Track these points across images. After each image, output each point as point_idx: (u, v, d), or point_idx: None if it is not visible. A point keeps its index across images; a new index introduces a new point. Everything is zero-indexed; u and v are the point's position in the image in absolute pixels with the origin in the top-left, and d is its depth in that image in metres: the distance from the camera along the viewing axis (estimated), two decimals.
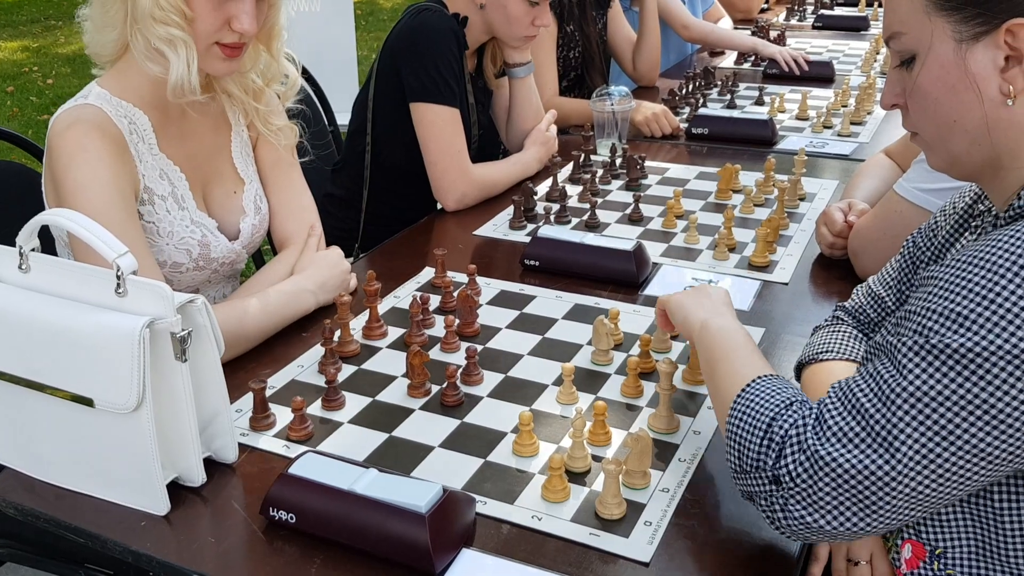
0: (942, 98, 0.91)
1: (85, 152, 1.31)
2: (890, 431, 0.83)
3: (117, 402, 1.02)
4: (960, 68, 0.89)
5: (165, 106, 1.43)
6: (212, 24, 1.35)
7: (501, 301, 1.57)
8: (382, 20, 8.65)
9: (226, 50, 1.38)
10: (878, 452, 0.84)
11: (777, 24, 4.03)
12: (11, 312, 1.07)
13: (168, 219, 1.43)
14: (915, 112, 0.96)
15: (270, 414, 1.23)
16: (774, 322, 1.49)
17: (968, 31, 0.88)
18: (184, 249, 1.45)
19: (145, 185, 1.41)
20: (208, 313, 1.05)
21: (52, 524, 1.09)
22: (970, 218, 1.06)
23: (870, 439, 0.84)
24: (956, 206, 1.09)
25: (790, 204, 1.96)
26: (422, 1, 2.02)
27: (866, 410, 0.86)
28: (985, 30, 0.87)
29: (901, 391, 0.83)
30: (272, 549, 1.02)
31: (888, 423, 0.84)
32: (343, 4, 5.09)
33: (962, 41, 0.89)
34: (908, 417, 0.83)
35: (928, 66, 0.91)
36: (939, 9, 0.89)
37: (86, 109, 1.36)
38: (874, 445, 0.84)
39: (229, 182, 1.55)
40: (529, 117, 2.18)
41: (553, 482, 1.08)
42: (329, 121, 2.40)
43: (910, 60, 0.94)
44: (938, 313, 0.83)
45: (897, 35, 0.94)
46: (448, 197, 1.97)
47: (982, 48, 0.88)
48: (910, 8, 0.92)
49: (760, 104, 2.75)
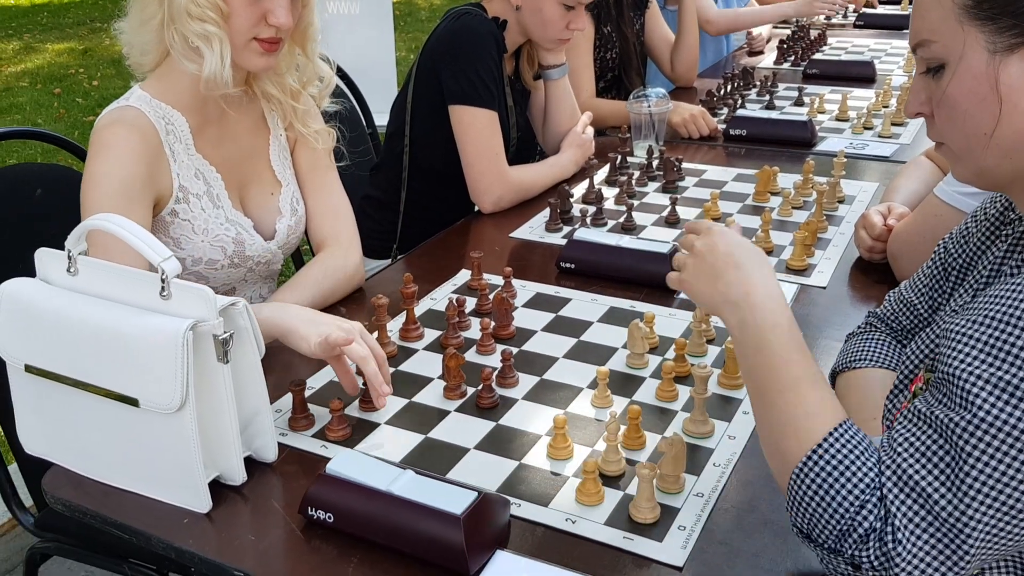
0: (973, 110, 0.88)
1: (108, 149, 1.39)
2: (959, 518, 0.80)
3: (161, 402, 1.05)
4: (993, 80, 0.86)
5: (204, 109, 1.48)
6: (248, 19, 1.39)
7: (537, 304, 1.58)
8: (420, 20, 8.69)
9: (264, 45, 1.43)
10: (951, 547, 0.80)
11: (818, 23, 3.99)
12: (60, 314, 1.10)
13: (203, 216, 1.47)
14: (943, 122, 0.92)
15: (309, 414, 1.25)
16: (811, 326, 1.48)
17: (1003, 42, 0.85)
18: (219, 246, 1.49)
19: (180, 184, 1.45)
20: (249, 316, 1.08)
21: (98, 520, 1.11)
22: (1002, 225, 1.04)
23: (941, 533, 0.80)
24: (988, 212, 1.07)
25: (829, 207, 1.94)
26: (462, 4, 2.04)
27: (934, 500, 0.81)
28: (1021, 41, 0.85)
29: (968, 479, 0.79)
30: (310, 548, 1.04)
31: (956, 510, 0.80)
32: (382, 5, 5.12)
33: (996, 52, 0.86)
34: (976, 503, 0.79)
35: (959, 76, 0.88)
36: (973, 18, 0.86)
37: (127, 111, 1.42)
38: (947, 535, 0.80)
39: (267, 183, 1.59)
40: (564, 119, 2.19)
41: (587, 485, 1.09)
42: (367, 123, 2.42)
43: (937, 68, 0.91)
44: (984, 380, 0.79)
45: (926, 43, 0.91)
46: (485, 199, 1.98)
47: (1017, 60, 0.85)
48: (941, 16, 0.89)
49: (799, 105, 2.73)
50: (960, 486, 0.79)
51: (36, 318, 1.12)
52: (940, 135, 0.95)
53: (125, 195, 1.37)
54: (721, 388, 1.31)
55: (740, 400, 1.29)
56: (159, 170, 1.43)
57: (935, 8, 0.90)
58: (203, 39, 1.37)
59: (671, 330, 1.47)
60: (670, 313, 1.53)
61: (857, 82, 2.97)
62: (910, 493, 0.82)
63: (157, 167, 1.42)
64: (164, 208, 1.45)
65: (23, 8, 9.61)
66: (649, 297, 1.59)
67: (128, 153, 1.38)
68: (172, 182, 1.45)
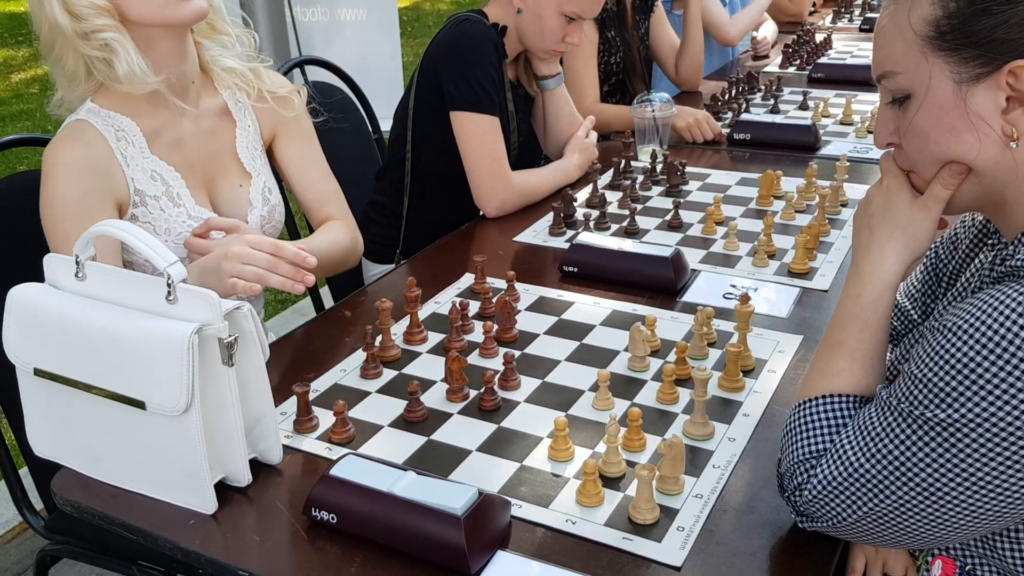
0: (941, 139, 0.89)
1: (56, 168, 1.43)
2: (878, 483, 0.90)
3: (167, 405, 1.07)
4: (960, 109, 0.87)
5: (156, 112, 1.52)
6: None
7: (539, 307, 1.59)
8: (427, 26, 8.73)
9: None
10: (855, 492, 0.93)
11: (823, 27, 3.99)
12: (68, 319, 1.12)
13: (163, 217, 1.51)
14: (912, 151, 0.93)
15: (313, 417, 1.27)
16: (813, 329, 1.49)
17: (968, 72, 0.86)
18: (182, 244, 1.51)
19: (135, 188, 1.49)
20: (254, 319, 1.09)
21: (106, 521, 1.13)
22: (986, 235, 1.05)
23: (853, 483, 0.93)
24: (976, 218, 1.08)
25: (831, 210, 1.95)
26: (463, 11, 2.06)
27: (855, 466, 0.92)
28: (986, 71, 0.85)
29: (888, 453, 0.89)
30: (314, 548, 1.05)
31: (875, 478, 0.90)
32: (388, 12, 5.15)
33: (961, 82, 0.86)
34: (893, 477, 0.89)
35: (926, 107, 0.89)
36: (936, 49, 0.87)
37: (75, 125, 1.47)
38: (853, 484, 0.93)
39: (234, 176, 1.62)
40: (564, 126, 2.20)
41: (587, 487, 1.10)
42: (374, 128, 2.44)
43: (903, 98, 0.92)
44: (923, 384, 0.85)
45: (890, 74, 0.92)
46: (488, 204, 2.00)
47: (983, 89, 0.86)
48: (904, 47, 0.89)
49: (804, 109, 2.73)
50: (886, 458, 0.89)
51: (45, 323, 1.13)
52: (912, 164, 0.96)
53: (82, 212, 1.42)
54: (721, 391, 1.32)
55: (740, 403, 1.30)
56: (113, 178, 1.47)
57: (897, 40, 0.90)
58: (105, 50, 1.41)
59: (672, 333, 1.48)
60: (672, 316, 1.55)
61: (862, 86, 2.97)
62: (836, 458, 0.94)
63: (110, 175, 1.46)
64: (125, 214, 1.49)
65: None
66: (651, 300, 1.60)
67: (77, 170, 1.43)
68: (127, 188, 1.48)
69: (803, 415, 1.01)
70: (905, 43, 0.89)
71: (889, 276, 1.00)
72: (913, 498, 0.87)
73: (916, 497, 0.87)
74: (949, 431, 0.83)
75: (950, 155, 0.90)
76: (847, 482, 0.92)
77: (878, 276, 1.00)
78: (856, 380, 1.00)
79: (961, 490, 0.84)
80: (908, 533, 0.90)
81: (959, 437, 0.83)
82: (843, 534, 0.96)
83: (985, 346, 0.80)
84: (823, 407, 1.00)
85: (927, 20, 0.87)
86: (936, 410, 0.84)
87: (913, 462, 0.86)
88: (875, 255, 1.00)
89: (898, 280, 1.00)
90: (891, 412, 0.89)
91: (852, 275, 1.03)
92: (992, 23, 0.83)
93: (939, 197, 0.94)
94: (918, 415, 0.85)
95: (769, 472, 1.14)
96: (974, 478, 0.83)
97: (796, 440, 1.00)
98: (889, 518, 0.90)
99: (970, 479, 0.83)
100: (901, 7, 0.89)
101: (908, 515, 0.88)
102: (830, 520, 0.95)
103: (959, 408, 0.82)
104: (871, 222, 1.02)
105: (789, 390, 1.32)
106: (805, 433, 0.99)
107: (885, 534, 0.92)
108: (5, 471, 1.56)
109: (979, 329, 0.81)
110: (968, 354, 0.81)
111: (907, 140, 0.93)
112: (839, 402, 0.99)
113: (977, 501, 0.84)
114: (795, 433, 1.01)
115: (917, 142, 0.92)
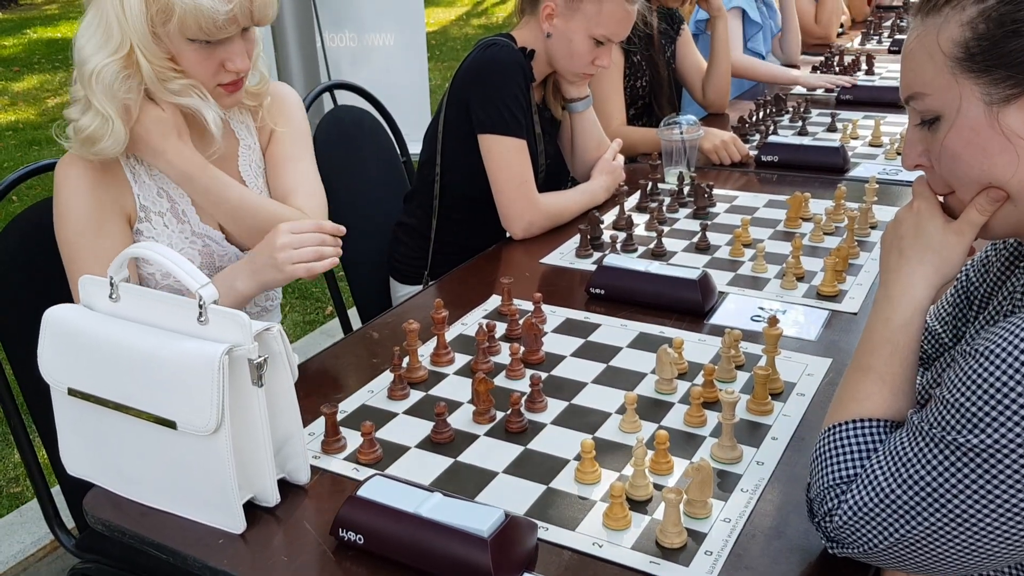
0: (974, 161, 0.89)
1: (67, 181, 1.47)
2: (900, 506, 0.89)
3: (198, 425, 1.08)
4: (992, 130, 0.86)
5: None
6: (206, 72, 1.45)
7: (566, 329, 1.59)
8: (455, 50, 8.81)
9: (228, 87, 1.49)
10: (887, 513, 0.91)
11: (852, 49, 3.98)
12: (102, 339, 1.13)
13: (167, 233, 1.54)
14: (947, 174, 0.93)
15: (341, 438, 1.27)
16: (842, 353, 1.48)
17: (999, 93, 0.85)
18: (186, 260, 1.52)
19: (141, 204, 1.52)
20: (283, 341, 1.11)
21: (136, 540, 1.14)
22: (1019, 258, 1.04)
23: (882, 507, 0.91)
24: (1008, 240, 1.07)
25: (860, 232, 1.94)
26: (492, 35, 2.08)
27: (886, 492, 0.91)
28: (1017, 92, 0.85)
29: (919, 479, 0.88)
30: (341, 569, 1.05)
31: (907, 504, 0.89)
32: (416, 36, 5.21)
33: (992, 104, 0.86)
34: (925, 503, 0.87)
35: (957, 128, 0.89)
36: (966, 71, 0.86)
37: None
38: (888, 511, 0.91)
39: None
40: (591, 148, 2.21)
41: (614, 510, 1.10)
42: (402, 151, 2.46)
43: (932, 120, 0.91)
44: (955, 409, 0.85)
45: (919, 95, 0.91)
46: (515, 226, 2.01)
47: (1015, 110, 0.85)
48: (934, 69, 0.89)
49: (832, 131, 2.72)
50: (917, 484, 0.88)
51: (79, 343, 1.15)
52: (944, 187, 0.95)
53: (93, 226, 1.46)
54: (749, 414, 1.32)
55: (768, 426, 1.29)
56: (122, 193, 1.50)
57: (927, 62, 0.89)
58: (183, 94, 1.44)
59: (700, 356, 1.48)
60: (699, 339, 1.54)
61: (891, 108, 2.96)
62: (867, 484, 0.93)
63: (119, 190, 1.50)
64: (132, 228, 1.52)
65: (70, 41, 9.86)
66: (678, 323, 1.60)
67: (86, 184, 1.46)
68: (134, 203, 1.52)
69: (833, 440, 1.00)
70: (934, 65, 0.89)
71: (920, 300, 0.99)
72: (945, 524, 0.86)
73: (949, 523, 0.86)
74: (982, 456, 0.82)
75: (985, 177, 0.89)
76: (878, 508, 0.91)
77: (908, 300, 0.99)
78: (886, 405, 0.99)
79: (994, 516, 0.83)
80: (941, 560, 0.88)
81: (992, 463, 0.81)
82: (875, 561, 0.95)
83: (1018, 371, 0.79)
84: (853, 432, 0.99)
85: (956, 42, 0.86)
86: (968, 435, 0.83)
87: (945, 488, 0.85)
88: (905, 278, 1.00)
89: (928, 304, 0.99)
90: (922, 437, 0.88)
91: (881, 298, 1.02)
92: (1022, 44, 0.83)
93: (974, 222, 0.93)
94: (950, 440, 0.84)
95: (798, 496, 1.13)
96: (1008, 504, 0.82)
97: (826, 465, 0.99)
98: (921, 544, 0.88)
99: (1003, 505, 0.82)
100: (930, 28, 0.89)
101: (941, 541, 0.87)
102: (861, 547, 0.94)
103: (992, 433, 0.81)
104: (901, 244, 1.01)
105: (818, 413, 1.31)
106: (835, 458, 0.98)
107: (918, 560, 0.90)
108: (38, 489, 1.58)
109: (1011, 353, 0.80)
110: (1001, 379, 0.80)
111: (940, 163, 0.93)
112: (869, 427, 0.98)
113: (1011, 527, 0.83)
114: (825, 458, 1.00)
115: (950, 164, 0.91)
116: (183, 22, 1.38)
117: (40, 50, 9.47)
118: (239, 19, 1.42)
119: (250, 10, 1.43)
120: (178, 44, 1.41)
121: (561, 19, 2.01)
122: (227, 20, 1.40)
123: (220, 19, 1.38)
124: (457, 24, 10.49)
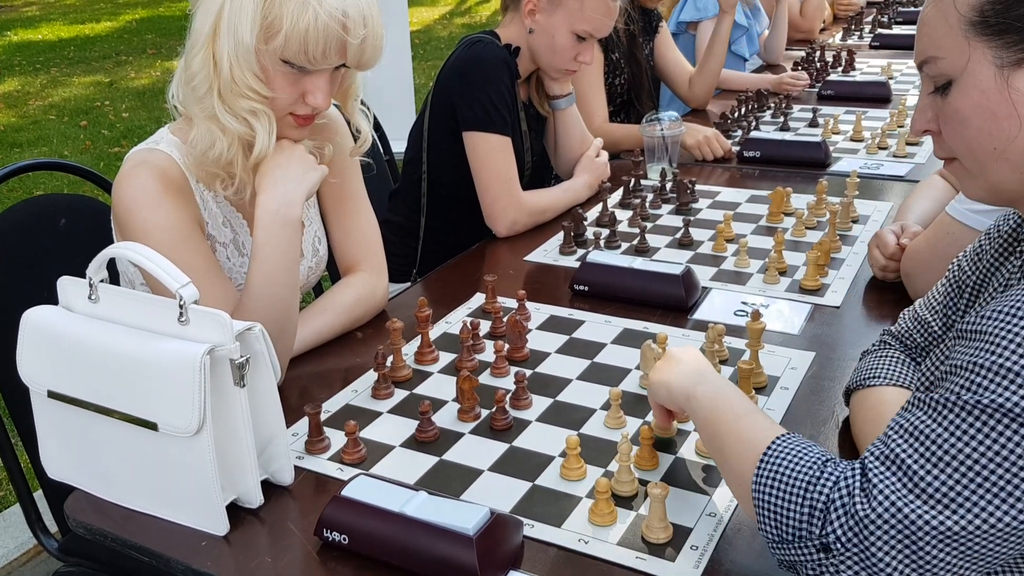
0: (982, 125, 0.89)
1: (147, 196, 1.36)
2: (946, 493, 0.80)
3: (179, 426, 1.07)
4: (1002, 94, 0.87)
5: None
6: (289, 98, 1.38)
7: (550, 326, 1.59)
8: (439, 48, 8.79)
9: (299, 120, 1.42)
10: (933, 511, 0.80)
11: (833, 44, 4.00)
12: (82, 341, 1.12)
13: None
14: (952, 139, 0.93)
15: (324, 438, 1.27)
16: (825, 346, 1.49)
17: (1011, 57, 0.86)
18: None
19: (208, 232, 1.46)
20: (265, 340, 1.10)
21: (119, 543, 1.13)
22: (1015, 243, 1.04)
23: (922, 500, 0.81)
24: (1001, 229, 1.07)
25: (842, 227, 1.95)
26: (476, 33, 2.08)
27: (916, 473, 0.82)
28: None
29: (957, 452, 0.80)
30: (326, 569, 1.05)
31: (944, 485, 0.80)
32: (400, 34, 5.20)
33: (1004, 67, 0.86)
34: (966, 480, 0.79)
35: (966, 91, 0.89)
36: (979, 33, 0.87)
37: (155, 154, 1.40)
38: (929, 503, 0.81)
39: None
40: (575, 145, 2.21)
41: (600, 506, 1.09)
42: (385, 149, 2.45)
43: (945, 86, 0.92)
44: (987, 368, 0.80)
45: (932, 59, 0.92)
46: (500, 224, 2.00)
47: None
48: (947, 31, 0.89)
49: (814, 126, 2.74)
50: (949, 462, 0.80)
51: (59, 345, 1.14)
52: (950, 151, 0.95)
53: (186, 237, 1.37)
54: None
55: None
56: (193, 206, 1.43)
57: (940, 25, 0.90)
58: (251, 115, 1.36)
59: None
60: (683, 334, 1.54)
61: (872, 102, 2.98)
62: (890, 466, 0.84)
63: (192, 202, 1.43)
64: None
65: (50, 43, 9.82)
66: (662, 318, 1.60)
67: (168, 199, 1.37)
68: (204, 226, 1.46)
69: (774, 459, 0.92)
70: (949, 27, 0.89)
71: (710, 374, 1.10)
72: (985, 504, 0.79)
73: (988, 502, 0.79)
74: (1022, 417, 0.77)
75: (990, 142, 0.89)
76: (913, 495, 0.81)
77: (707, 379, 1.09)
78: (775, 425, 0.98)
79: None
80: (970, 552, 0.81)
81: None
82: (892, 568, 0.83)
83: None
84: (782, 443, 0.93)
85: (972, 5, 0.88)
86: (1006, 392, 0.78)
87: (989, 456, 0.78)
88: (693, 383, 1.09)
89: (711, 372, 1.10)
90: (950, 410, 0.81)
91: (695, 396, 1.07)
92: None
93: None
94: (987, 403, 0.79)
95: None
96: None
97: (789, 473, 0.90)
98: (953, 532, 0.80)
99: None
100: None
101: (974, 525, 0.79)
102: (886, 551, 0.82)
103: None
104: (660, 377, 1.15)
105: (802, 407, 1.32)
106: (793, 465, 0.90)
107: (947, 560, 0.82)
108: (19, 493, 1.57)
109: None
110: None
111: (947, 127, 0.93)
112: (789, 435, 0.95)
113: None
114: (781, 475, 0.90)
115: (957, 128, 0.91)
116: (288, 41, 1.31)
117: (20, 51, 9.40)
118: (341, 53, 1.36)
119: (358, 50, 1.37)
120: (273, 63, 1.35)
121: (543, 15, 2.01)
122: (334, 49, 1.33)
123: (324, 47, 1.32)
124: (441, 23, 10.48)
